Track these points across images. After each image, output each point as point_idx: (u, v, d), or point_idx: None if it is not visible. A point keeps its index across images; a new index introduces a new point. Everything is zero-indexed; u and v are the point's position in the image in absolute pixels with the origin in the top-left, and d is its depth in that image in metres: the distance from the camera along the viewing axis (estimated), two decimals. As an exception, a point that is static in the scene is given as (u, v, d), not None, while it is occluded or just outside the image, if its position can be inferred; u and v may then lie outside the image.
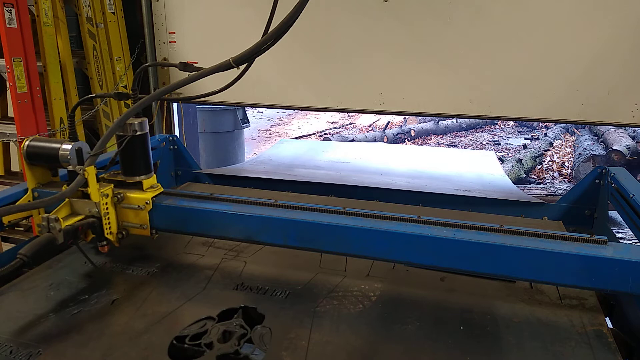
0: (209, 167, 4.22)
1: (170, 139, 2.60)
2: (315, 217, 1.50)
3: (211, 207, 1.60)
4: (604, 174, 2.11)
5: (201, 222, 1.61)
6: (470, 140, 10.58)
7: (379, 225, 1.43)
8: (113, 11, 3.84)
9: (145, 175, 1.67)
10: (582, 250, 1.29)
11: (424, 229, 1.41)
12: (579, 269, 1.28)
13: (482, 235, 1.37)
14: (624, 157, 7.66)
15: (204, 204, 1.63)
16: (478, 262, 1.35)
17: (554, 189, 7.54)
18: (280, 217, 1.51)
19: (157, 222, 1.64)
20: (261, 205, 1.59)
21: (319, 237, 1.48)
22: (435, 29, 3.25)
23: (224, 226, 1.58)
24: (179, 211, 1.62)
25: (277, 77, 3.68)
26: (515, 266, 1.33)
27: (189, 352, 1.27)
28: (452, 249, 1.36)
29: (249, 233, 1.56)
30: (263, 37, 1.41)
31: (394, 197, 2.37)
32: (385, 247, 1.42)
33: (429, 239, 1.38)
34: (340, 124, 12.15)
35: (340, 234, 1.46)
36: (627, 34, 2.91)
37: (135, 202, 1.62)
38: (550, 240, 1.34)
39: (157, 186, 1.68)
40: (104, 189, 1.57)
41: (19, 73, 3.03)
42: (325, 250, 1.53)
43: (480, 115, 3.42)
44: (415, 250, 1.40)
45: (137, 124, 1.65)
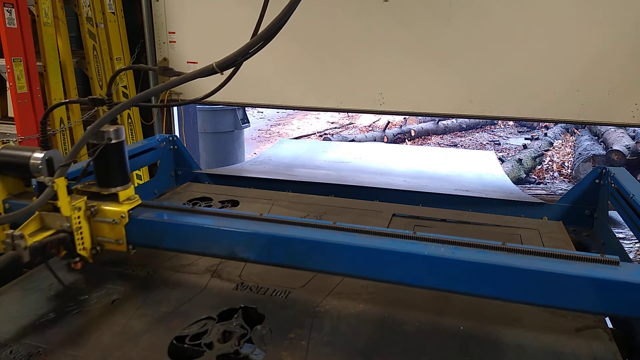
0: (209, 167, 4.22)
1: (170, 139, 2.60)
2: (303, 233, 1.39)
3: (191, 222, 1.49)
4: (604, 174, 2.11)
5: (180, 237, 1.50)
6: (470, 140, 10.58)
7: (371, 243, 1.32)
8: (113, 11, 3.84)
9: (122, 186, 1.54)
10: (593, 272, 1.18)
11: (419, 246, 1.30)
12: (590, 292, 1.17)
13: (483, 255, 1.26)
14: (624, 157, 7.66)
15: (184, 217, 1.52)
16: (478, 283, 1.25)
17: (554, 189, 7.54)
18: (264, 233, 1.40)
19: (133, 237, 1.51)
20: (245, 219, 1.47)
21: (307, 255, 1.38)
22: (435, 29, 3.25)
23: (204, 242, 1.47)
24: (157, 225, 1.51)
25: (277, 77, 3.68)
26: (518, 289, 1.22)
27: (189, 352, 1.27)
28: (450, 270, 1.25)
29: (232, 249, 1.44)
30: (250, 40, 1.35)
31: (394, 197, 2.37)
32: (377, 267, 1.32)
33: (425, 258, 1.27)
34: (340, 124, 12.15)
35: (329, 251, 1.35)
36: (627, 34, 2.91)
37: (110, 215, 1.50)
38: (557, 260, 1.23)
39: (134, 198, 1.56)
40: (76, 201, 1.44)
41: (19, 73, 3.04)
42: (313, 269, 1.42)
43: (480, 115, 3.42)
44: (410, 270, 1.29)
45: (113, 132, 1.52)
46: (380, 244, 1.32)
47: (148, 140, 2.52)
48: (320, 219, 2.06)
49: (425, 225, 2.03)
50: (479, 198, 2.32)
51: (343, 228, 1.39)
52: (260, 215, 1.49)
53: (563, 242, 1.89)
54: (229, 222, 1.47)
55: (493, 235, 1.94)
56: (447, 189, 2.50)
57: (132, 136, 4.12)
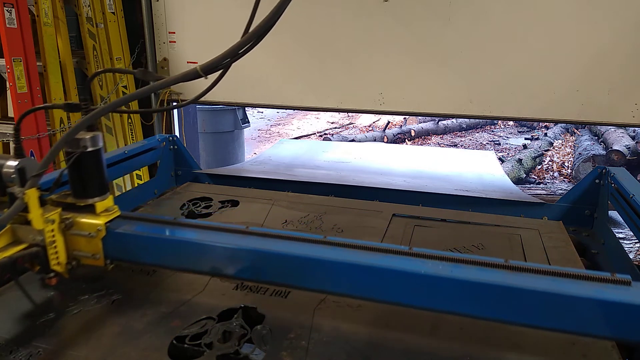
0: (209, 167, 4.22)
1: (170, 139, 2.60)
2: (290, 249, 1.29)
3: (172, 236, 1.40)
4: (604, 174, 2.11)
5: (161, 252, 1.41)
6: (470, 140, 10.58)
7: (364, 260, 1.22)
8: (113, 11, 3.84)
9: (100, 197, 1.44)
10: (603, 293, 1.08)
11: (415, 263, 1.20)
12: (599, 315, 1.08)
13: (484, 273, 1.17)
14: (624, 157, 7.66)
15: (165, 231, 1.43)
16: (478, 305, 1.15)
17: (554, 189, 7.54)
18: (250, 248, 1.30)
19: (111, 251, 1.42)
20: (230, 233, 1.37)
21: (295, 272, 1.28)
22: (435, 29, 3.25)
23: (186, 258, 1.38)
24: (135, 239, 1.41)
25: (277, 77, 3.69)
26: (522, 311, 1.12)
27: (189, 352, 1.27)
28: (448, 290, 1.16)
29: (215, 266, 1.35)
30: (238, 41, 1.29)
31: (394, 197, 2.37)
32: (370, 286, 1.22)
33: (422, 277, 1.17)
34: (340, 124, 12.16)
35: (319, 269, 1.25)
36: (627, 34, 2.91)
37: (86, 228, 1.40)
38: (563, 280, 1.13)
39: (113, 209, 1.46)
40: (49, 213, 1.34)
41: (19, 73, 3.04)
42: (302, 287, 1.32)
43: (480, 115, 3.42)
44: (405, 290, 1.19)
45: (89, 139, 1.41)
46: (373, 262, 1.21)
47: (148, 140, 2.52)
48: (320, 219, 2.06)
49: (425, 225, 2.03)
50: (479, 198, 2.32)
51: (334, 243, 1.29)
52: (247, 228, 1.38)
53: (563, 242, 1.89)
54: (212, 236, 1.37)
55: (493, 235, 1.94)
56: (447, 189, 2.50)
57: (132, 136, 4.12)
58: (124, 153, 2.26)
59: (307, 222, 2.03)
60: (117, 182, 3.91)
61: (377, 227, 1.99)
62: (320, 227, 1.98)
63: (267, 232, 1.36)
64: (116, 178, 2.68)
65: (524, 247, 1.83)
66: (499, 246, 1.84)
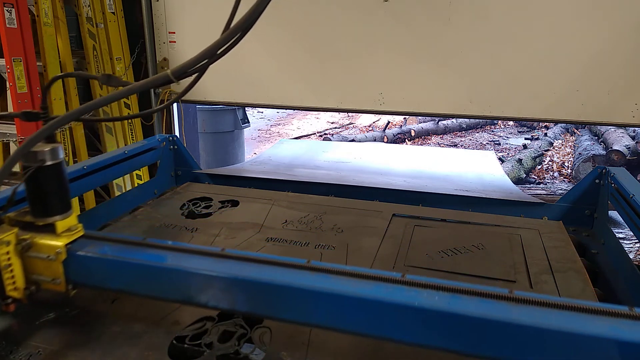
0: (209, 167, 4.22)
1: (170, 139, 2.60)
2: (269, 276, 1.15)
3: (139, 259, 1.25)
4: (604, 174, 2.11)
5: (127, 277, 1.27)
6: (470, 140, 10.59)
7: (350, 289, 1.09)
8: (113, 11, 3.84)
9: (61, 215, 1.30)
10: (619, 332, 0.95)
11: (410, 294, 1.06)
12: (615, 357, 0.95)
13: (486, 306, 1.03)
14: (624, 157, 7.66)
15: (131, 253, 1.28)
16: (480, 343, 1.02)
17: (554, 189, 7.55)
18: (225, 276, 1.17)
19: (73, 275, 1.28)
20: (204, 256, 1.24)
21: (275, 303, 1.15)
22: (435, 29, 3.25)
23: (154, 284, 1.25)
24: (99, 263, 1.28)
25: (277, 77, 3.69)
26: (528, 350, 1.00)
27: (189, 352, 1.27)
28: (445, 325, 1.03)
29: (187, 293, 1.22)
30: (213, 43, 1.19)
31: (394, 197, 2.37)
32: (356, 319, 1.09)
33: (415, 311, 1.04)
34: (340, 124, 12.16)
35: (301, 299, 1.12)
36: (627, 34, 2.91)
37: (44, 250, 1.26)
38: (573, 314, 1.00)
39: (76, 228, 1.32)
40: (4, 234, 1.22)
41: (19, 73, 3.04)
42: (282, 319, 1.18)
43: (480, 115, 3.42)
44: (396, 324, 1.06)
45: (48, 152, 1.26)
46: (360, 292, 1.08)
47: (148, 140, 2.52)
48: (320, 218, 2.06)
49: (425, 225, 2.03)
50: (479, 198, 2.32)
51: (318, 268, 1.16)
52: (222, 250, 1.25)
53: (563, 242, 1.88)
54: (183, 260, 1.23)
55: (493, 235, 1.94)
56: (447, 189, 2.49)
57: (132, 136, 4.12)
58: (124, 153, 2.26)
59: (307, 222, 2.03)
60: (117, 182, 3.91)
61: (377, 227, 1.99)
62: (320, 227, 1.98)
63: (244, 256, 1.22)
64: (116, 178, 2.68)
65: (524, 247, 1.83)
66: (499, 246, 1.84)
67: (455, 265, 1.69)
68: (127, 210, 2.16)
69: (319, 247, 1.81)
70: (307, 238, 1.88)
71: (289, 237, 1.89)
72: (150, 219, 2.05)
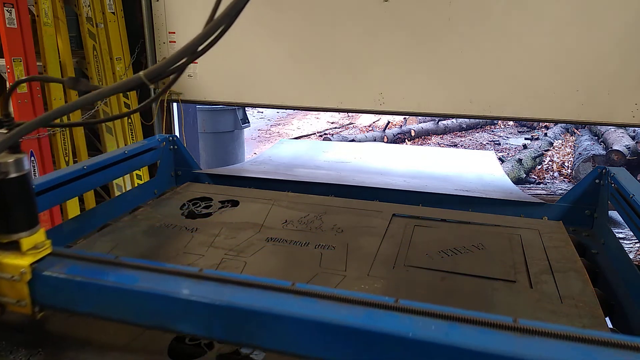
0: (209, 167, 4.22)
1: (170, 139, 2.60)
2: (249, 300, 1.05)
3: (110, 281, 1.15)
4: (604, 174, 2.11)
5: (96, 300, 1.17)
6: (470, 140, 10.59)
7: (340, 317, 0.99)
8: (113, 11, 3.84)
9: (27, 231, 1.20)
10: None
11: (402, 323, 0.97)
12: None
13: (488, 337, 0.94)
14: (624, 157, 7.67)
15: (101, 274, 1.19)
16: None
17: (554, 189, 7.55)
18: (201, 301, 1.08)
19: (39, 297, 1.19)
20: (181, 277, 1.15)
21: (255, 331, 1.05)
22: (435, 29, 3.25)
23: (126, 308, 1.16)
24: (67, 284, 1.18)
25: (277, 77, 3.69)
26: None
27: (189, 352, 1.27)
28: (443, 357, 0.93)
29: (161, 318, 1.12)
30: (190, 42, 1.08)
31: (394, 197, 2.37)
32: (346, 351, 0.99)
33: (409, 343, 0.94)
34: (340, 124, 12.16)
35: (284, 327, 1.02)
36: (627, 34, 2.91)
37: (7, 270, 1.17)
38: (586, 347, 0.92)
39: (43, 246, 1.22)
40: None
41: (19, 73, 3.04)
42: (264, 348, 1.09)
43: (480, 115, 3.42)
44: (388, 357, 0.97)
45: (12, 163, 1.17)
46: (350, 320, 0.98)
47: (148, 140, 2.52)
48: (320, 218, 2.06)
49: (425, 225, 2.03)
50: (479, 198, 2.32)
51: (303, 292, 1.06)
52: (200, 270, 1.15)
53: (563, 242, 1.89)
54: (157, 281, 1.14)
55: (493, 235, 1.94)
56: (447, 189, 2.50)
57: (132, 136, 4.12)
58: (124, 153, 2.26)
59: (307, 222, 2.03)
60: (117, 182, 3.91)
61: (377, 227, 1.99)
62: (320, 227, 1.98)
63: (223, 277, 1.12)
64: (116, 178, 2.68)
65: (524, 247, 1.83)
66: (499, 246, 1.84)
67: (455, 265, 1.69)
68: (127, 210, 2.16)
69: (319, 247, 1.81)
70: (307, 238, 1.88)
71: (289, 237, 1.89)
72: (150, 219, 2.05)
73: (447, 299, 1.52)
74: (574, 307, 1.47)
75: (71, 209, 3.46)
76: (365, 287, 1.57)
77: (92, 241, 1.85)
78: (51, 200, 1.88)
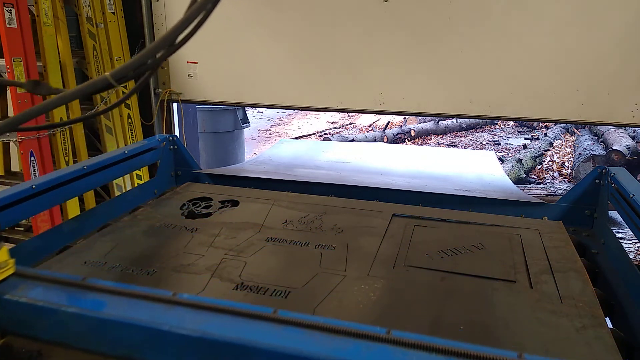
0: (209, 167, 4.22)
1: (170, 139, 2.60)
2: (228, 330, 0.95)
3: (75, 307, 1.05)
4: (604, 174, 2.11)
5: (59, 328, 1.07)
6: (470, 140, 10.59)
7: (326, 350, 0.90)
8: (113, 11, 3.84)
9: None
10: None
11: (396, 358, 0.87)
12: None
13: None
14: (624, 157, 7.67)
15: (66, 298, 1.08)
16: None
17: (554, 189, 7.55)
18: (173, 331, 0.97)
19: (1, 322, 1.11)
20: (153, 301, 1.04)
21: None
22: (435, 29, 3.25)
23: (91, 337, 1.06)
24: (28, 309, 1.08)
25: (277, 77, 3.69)
26: None
27: None
28: None
29: (128, 348, 1.03)
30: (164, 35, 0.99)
31: (394, 197, 2.37)
32: None
33: None
34: (340, 124, 12.16)
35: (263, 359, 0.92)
36: (627, 34, 2.91)
37: None
38: None
39: (5, 265, 1.13)
40: None
41: (19, 73, 3.04)
42: None
43: (480, 115, 3.42)
44: None
45: None
46: (336, 354, 0.89)
47: (148, 140, 2.52)
48: (320, 218, 2.06)
49: (425, 225, 2.03)
50: (479, 198, 2.32)
51: (286, 320, 0.96)
52: (173, 295, 1.05)
53: (563, 242, 1.89)
54: (126, 308, 1.03)
55: (493, 235, 1.94)
56: (447, 189, 2.50)
57: (132, 136, 4.12)
58: (124, 153, 2.26)
59: (307, 222, 2.03)
60: (117, 182, 3.91)
61: (377, 227, 1.99)
62: (320, 227, 1.98)
63: (198, 303, 1.02)
64: (116, 178, 2.68)
65: (524, 247, 1.83)
66: (499, 246, 1.84)
67: (455, 265, 1.69)
68: (127, 210, 2.16)
69: (319, 247, 1.81)
70: (307, 238, 1.88)
71: (289, 237, 1.89)
72: (150, 219, 2.05)
73: (447, 299, 1.51)
74: (574, 307, 1.47)
75: (71, 209, 3.46)
76: (365, 287, 1.57)
77: (92, 241, 1.85)
78: (51, 200, 1.88)
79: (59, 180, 1.90)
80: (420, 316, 1.42)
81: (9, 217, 1.74)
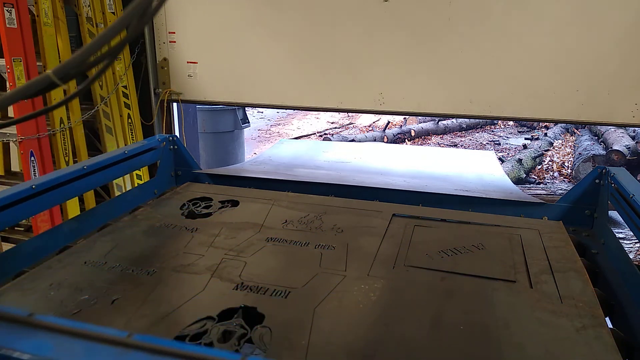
0: (209, 167, 4.22)
1: (170, 139, 2.60)
2: None
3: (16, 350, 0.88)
4: (604, 174, 2.11)
5: None
6: (470, 140, 10.59)
7: None
8: (113, 11, 3.84)
9: None
10: None
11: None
12: None
13: None
14: (624, 157, 7.67)
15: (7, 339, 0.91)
16: None
17: (554, 189, 7.54)
18: None
19: None
20: (106, 344, 0.87)
21: None
22: (435, 29, 3.25)
23: None
24: None
25: (277, 77, 3.69)
26: None
27: None
28: None
29: None
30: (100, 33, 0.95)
31: (394, 197, 2.37)
32: None
33: None
34: (340, 124, 12.16)
35: None
36: (627, 34, 2.91)
37: None
38: None
39: None
40: None
41: (19, 73, 3.04)
42: None
43: (480, 115, 3.43)
44: None
45: None
46: None
47: (148, 140, 2.52)
48: (320, 219, 2.06)
49: (425, 225, 2.03)
50: (479, 198, 2.32)
51: None
52: (128, 336, 0.87)
53: (563, 242, 1.89)
54: (74, 351, 0.90)
55: (493, 235, 1.94)
56: (447, 189, 2.50)
57: (132, 136, 4.12)
58: (124, 153, 2.26)
59: (307, 222, 2.03)
60: (117, 182, 3.91)
61: (377, 227, 1.99)
62: (320, 227, 1.99)
63: (156, 347, 0.85)
64: (116, 178, 2.68)
65: (524, 247, 1.83)
66: (499, 246, 1.84)
67: (455, 265, 1.69)
68: (127, 210, 2.16)
69: (319, 247, 1.81)
70: (307, 238, 1.88)
71: (289, 237, 1.89)
72: (150, 219, 2.05)
73: (447, 299, 1.52)
74: (574, 307, 1.47)
75: (71, 209, 3.46)
76: (365, 287, 1.57)
77: (92, 241, 1.85)
78: (51, 200, 1.89)
79: (59, 180, 1.90)
80: (420, 316, 1.42)
81: (8, 217, 1.74)
